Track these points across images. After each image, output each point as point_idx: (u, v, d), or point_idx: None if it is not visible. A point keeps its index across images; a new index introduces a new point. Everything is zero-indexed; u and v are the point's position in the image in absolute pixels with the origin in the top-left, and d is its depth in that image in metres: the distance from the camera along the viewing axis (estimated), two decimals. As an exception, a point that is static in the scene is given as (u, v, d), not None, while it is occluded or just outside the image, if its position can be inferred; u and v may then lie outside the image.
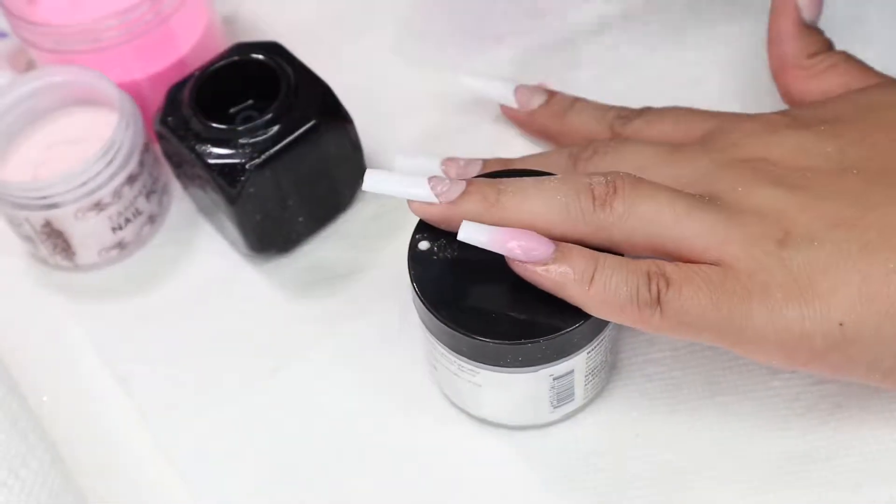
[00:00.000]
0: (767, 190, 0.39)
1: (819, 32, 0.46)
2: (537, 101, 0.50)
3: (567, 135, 0.49)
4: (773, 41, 0.47)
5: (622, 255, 0.39)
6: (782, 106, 0.48)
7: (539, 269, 0.38)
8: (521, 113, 0.50)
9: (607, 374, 0.44)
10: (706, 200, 0.39)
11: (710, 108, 0.46)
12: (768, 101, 0.50)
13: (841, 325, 0.37)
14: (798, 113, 0.44)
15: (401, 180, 0.41)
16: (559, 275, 0.38)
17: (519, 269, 0.39)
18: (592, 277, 0.38)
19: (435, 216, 0.40)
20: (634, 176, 0.40)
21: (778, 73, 0.47)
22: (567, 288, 0.38)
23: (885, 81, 0.44)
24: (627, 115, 0.47)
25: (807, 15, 0.46)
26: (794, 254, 0.38)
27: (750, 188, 0.40)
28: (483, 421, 0.44)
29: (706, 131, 0.44)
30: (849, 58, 0.45)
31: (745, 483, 0.42)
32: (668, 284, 0.38)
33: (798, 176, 0.40)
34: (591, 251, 0.39)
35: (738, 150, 0.42)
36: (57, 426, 0.46)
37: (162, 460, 0.45)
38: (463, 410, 0.45)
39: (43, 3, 0.52)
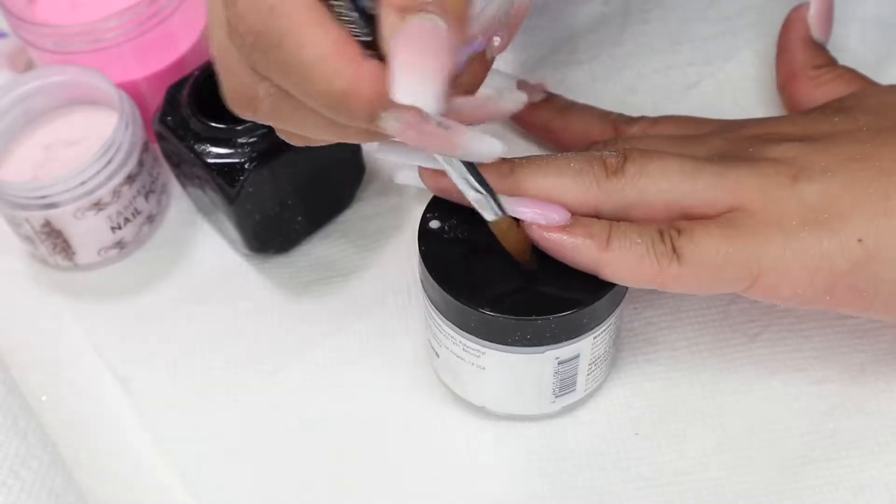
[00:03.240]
0: (779, 145, 0.40)
1: (825, 49, 0.48)
2: (538, 97, 0.50)
3: (570, 132, 0.48)
4: (782, 52, 0.49)
5: None
6: (781, 107, 0.48)
7: (555, 234, 0.38)
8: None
9: (608, 368, 0.44)
10: (716, 159, 0.40)
11: (709, 107, 0.46)
12: (767, 102, 0.50)
13: (860, 240, 0.37)
14: (803, 112, 0.45)
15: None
16: (577, 238, 0.38)
17: (536, 236, 0.39)
18: (609, 238, 0.38)
19: (447, 186, 0.40)
20: (644, 149, 0.40)
21: (785, 82, 0.48)
22: (584, 251, 0.38)
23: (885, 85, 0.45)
24: (631, 117, 0.47)
25: (816, 34, 0.48)
26: (808, 186, 0.38)
27: (762, 146, 0.40)
28: (484, 412, 0.44)
29: (713, 129, 0.44)
30: (852, 70, 0.47)
31: (744, 484, 0.42)
32: (679, 232, 0.38)
33: (810, 135, 0.41)
34: (606, 220, 0.39)
35: (750, 131, 0.42)
36: (57, 426, 0.46)
37: (162, 460, 0.45)
38: (464, 400, 0.45)
39: (43, 3, 0.52)
